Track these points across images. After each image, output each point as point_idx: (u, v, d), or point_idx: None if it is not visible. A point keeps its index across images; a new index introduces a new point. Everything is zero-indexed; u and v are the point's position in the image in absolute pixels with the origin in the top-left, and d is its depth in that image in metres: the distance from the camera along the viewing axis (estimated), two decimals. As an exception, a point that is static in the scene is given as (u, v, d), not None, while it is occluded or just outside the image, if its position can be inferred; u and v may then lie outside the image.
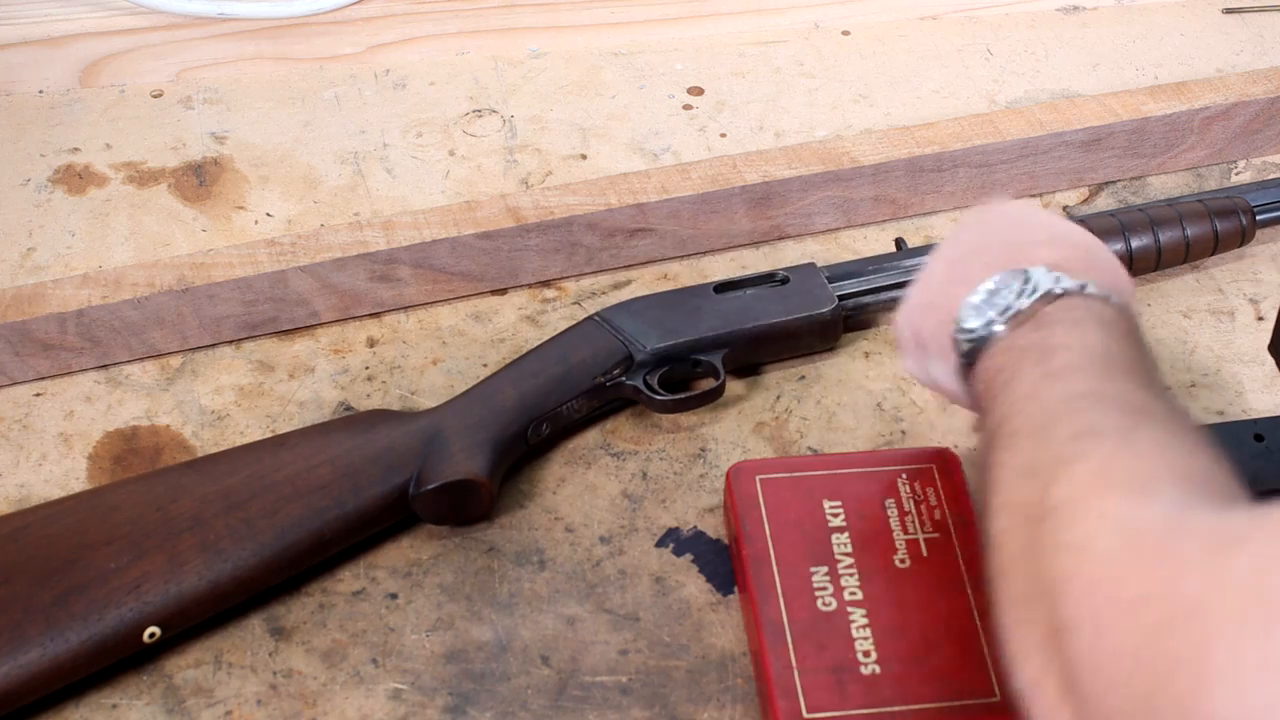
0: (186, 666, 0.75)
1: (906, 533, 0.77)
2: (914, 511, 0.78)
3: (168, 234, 1.00)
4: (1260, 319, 0.93)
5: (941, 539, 0.77)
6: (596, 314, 0.88)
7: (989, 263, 0.69)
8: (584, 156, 1.06)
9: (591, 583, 0.79)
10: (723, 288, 0.90)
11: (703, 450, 0.86)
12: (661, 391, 0.86)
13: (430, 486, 0.79)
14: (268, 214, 1.01)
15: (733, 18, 1.17)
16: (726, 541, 0.80)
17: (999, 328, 0.66)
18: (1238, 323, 0.93)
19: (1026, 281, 0.67)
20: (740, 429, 0.87)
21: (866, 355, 0.91)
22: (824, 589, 0.74)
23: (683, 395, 0.86)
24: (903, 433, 0.87)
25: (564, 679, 0.75)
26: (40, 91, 1.11)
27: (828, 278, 0.90)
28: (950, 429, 0.87)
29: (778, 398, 0.89)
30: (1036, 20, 1.19)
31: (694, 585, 0.79)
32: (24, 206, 1.02)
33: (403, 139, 1.07)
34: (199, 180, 1.04)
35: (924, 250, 0.93)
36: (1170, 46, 1.16)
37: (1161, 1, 1.20)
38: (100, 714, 0.73)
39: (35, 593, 0.73)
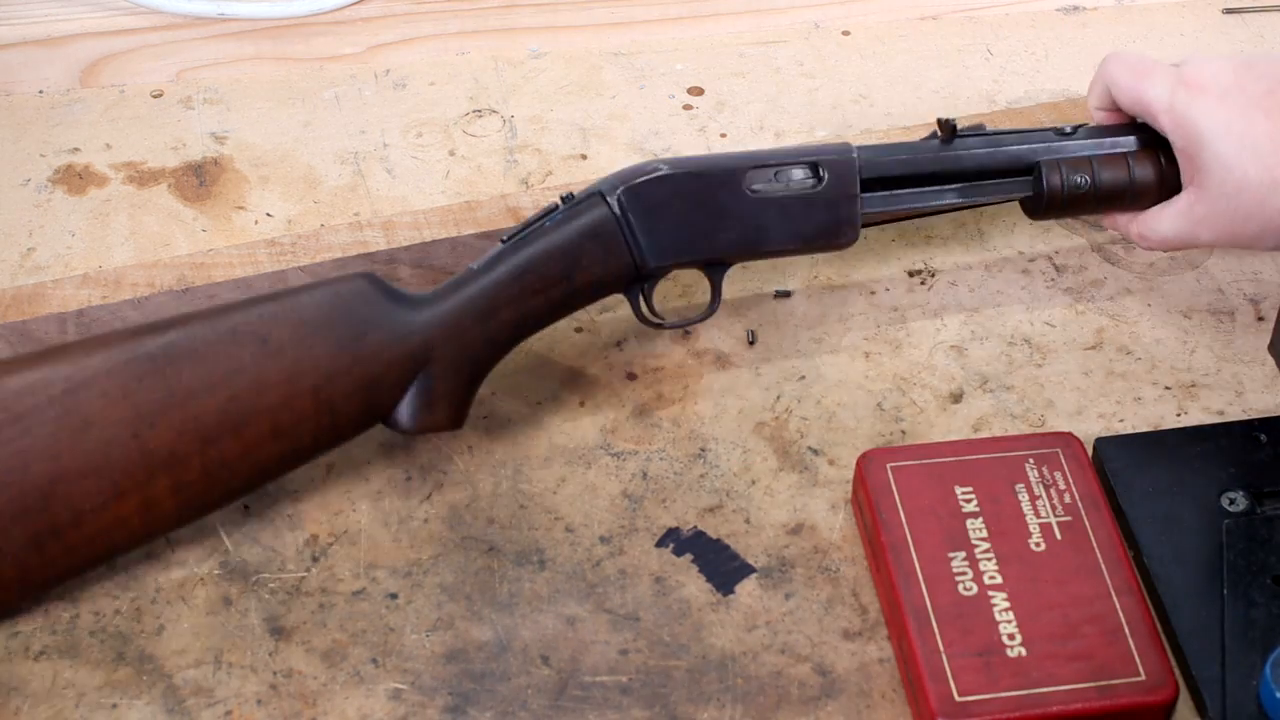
0: (186, 666, 0.75)
1: (1039, 516, 0.78)
2: (1044, 495, 0.79)
3: (168, 234, 1.00)
4: (1260, 319, 0.93)
5: (1074, 521, 0.78)
6: (617, 196, 0.81)
7: None
8: (584, 156, 1.06)
9: (591, 583, 0.79)
10: (758, 174, 0.82)
11: (703, 450, 0.86)
12: (656, 315, 0.85)
13: (407, 429, 0.80)
14: (268, 214, 1.01)
15: (733, 18, 1.17)
16: (859, 530, 0.80)
17: None
18: (1238, 323, 0.93)
19: None
20: (740, 429, 0.87)
21: (867, 355, 0.91)
22: (964, 574, 0.75)
23: (673, 323, 0.86)
24: (903, 432, 0.87)
25: (564, 679, 0.75)
26: (40, 91, 1.11)
27: (863, 180, 0.84)
28: (950, 429, 0.87)
29: (778, 398, 0.89)
30: (1036, 20, 1.19)
31: (694, 585, 0.79)
32: (24, 206, 1.02)
33: (403, 139, 1.07)
34: (199, 180, 1.04)
35: (976, 134, 0.86)
36: (1170, 46, 1.16)
37: (1161, 1, 1.20)
38: (100, 714, 0.73)
39: (10, 529, 0.73)
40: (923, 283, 0.96)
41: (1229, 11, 1.19)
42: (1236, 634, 0.73)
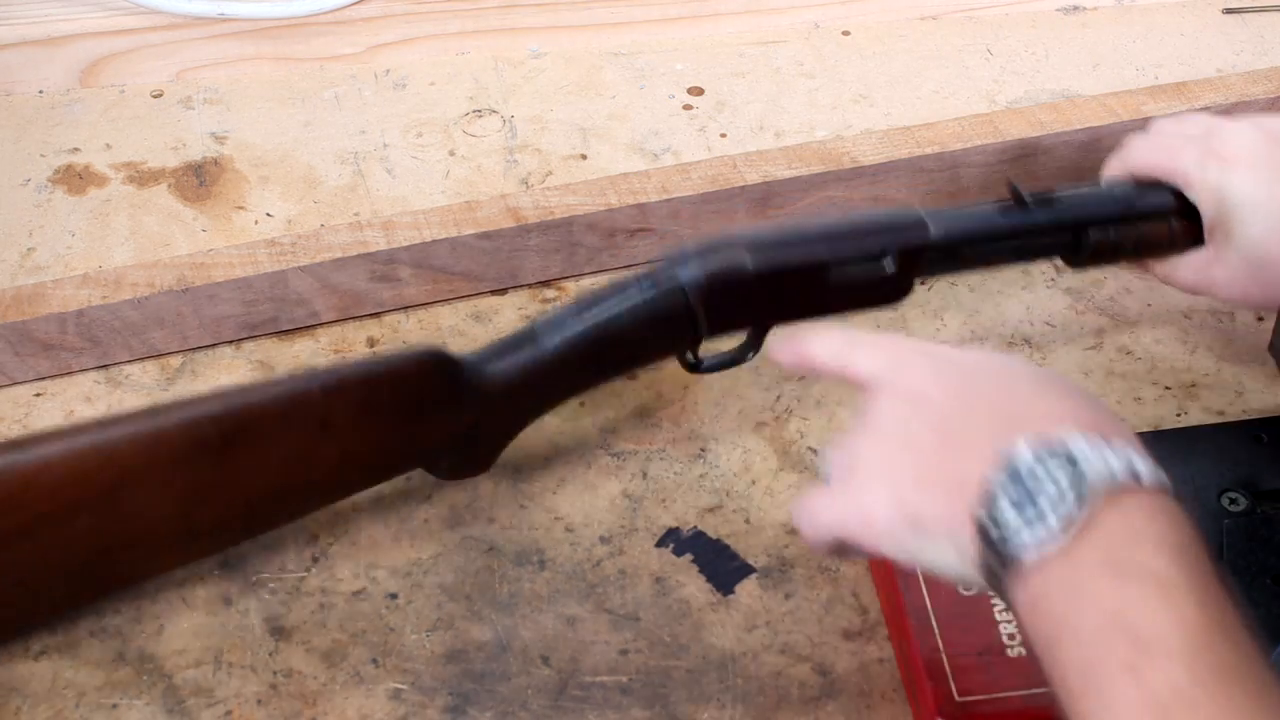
0: (186, 666, 0.75)
1: None
2: None
3: (168, 234, 1.00)
4: (1260, 319, 0.93)
5: None
6: (698, 293, 0.79)
7: (994, 425, 0.58)
8: (584, 156, 1.06)
9: (591, 583, 0.79)
10: (839, 269, 0.81)
11: (703, 450, 0.86)
12: (695, 358, 0.82)
13: (443, 478, 0.80)
14: (268, 214, 1.01)
15: (733, 18, 1.17)
16: None
17: (1054, 541, 0.54)
18: (1238, 323, 0.93)
19: (1072, 464, 0.54)
20: (740, 429, 0.87)
21: (866, 355, 0.91)
22: None
23: (710, 365, 0.83)
24: (903, 433, 0.87)
25: (564, 679, 0.75)
26: (40, 91, 1.11)
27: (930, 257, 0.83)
28: (950, 429, 0.87)
29: (778, 398, 0.89)
30: (1036, 20, 1.19)
31: (694, 585, 0.79)
32: (24, 206, 1.02)
33: (403, 139, 1.07)
34: (199, 180, 1.04)
35: (1043, 201, 0.84)
36: (1170, 46, 1.16)
37: (1161, 1, 1.20)
38: (100, 714, 0.73)
39: (52, 588, 0.74)
40: (923, 282, 0.96)
41: (1229, 11, 1.19)
42: (1236, 634, 0.73)
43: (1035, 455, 0.55)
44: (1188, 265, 0.84)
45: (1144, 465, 0.55)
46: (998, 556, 0.55)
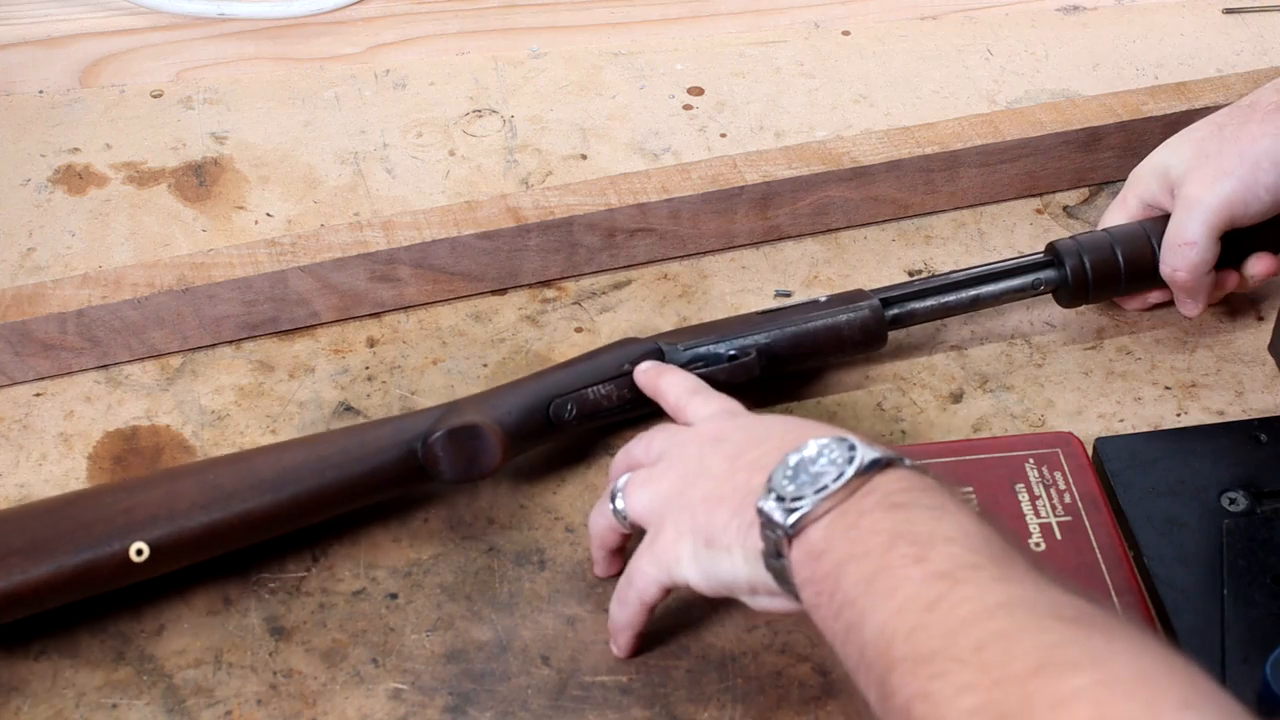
0: (186, 666, 0.75)
1: (1039, 516, 0.78)
2: (1044, 495, 0.79)
3: (168, 234, 1.00)
4: (1260, 319, 0.93)
5: (1074, 521, 0.78)
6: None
7: (781, 446, 0.63)
8: (584, 156, 1.06)
9: (591, 583, 0.79)
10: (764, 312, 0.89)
11: (703, 450, 0.86)
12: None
13: (438, 433, 0.78)
14: (268, 214, 1.01)
15: (733, 18, 1.17)
16: None
17: (825, 496, 0.59)
18: (1238, 323, 0.93)
19: (852, 449, 0.60)
20: (740, 429, 0.87)
21: (866, 355, 0.91)
22: None
23: (713, 367, 0.84)
24: (903, 432, 0.87)
25: (564, 679, 0.75)
26: (40, 91, 1.11)
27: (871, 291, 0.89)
28: (950, 428, 0.87)
29: (778, 397, 0.89)
30: (1036, 20, 1.19)
31: (694, 585, 0.79)
32: (24, 206, 1.02)
33: (403, 139, 1.07)
34: (199, 180, 1.04)
35: (974, 269, 0.90)
36: (1170, 46, 1.16)
37: (1161, 1, 1.20)
38: (100, 714, 0.73)
39: (29, 525, 0.74)
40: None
41: (1229, 11, 1.19)
42: (1236, 634, 0.73)
43: (818, 447, 0.61)
44: (1180, 221, 0.87)
45: (911, 461, 0.61)
46: (778, 529, 0.60)
